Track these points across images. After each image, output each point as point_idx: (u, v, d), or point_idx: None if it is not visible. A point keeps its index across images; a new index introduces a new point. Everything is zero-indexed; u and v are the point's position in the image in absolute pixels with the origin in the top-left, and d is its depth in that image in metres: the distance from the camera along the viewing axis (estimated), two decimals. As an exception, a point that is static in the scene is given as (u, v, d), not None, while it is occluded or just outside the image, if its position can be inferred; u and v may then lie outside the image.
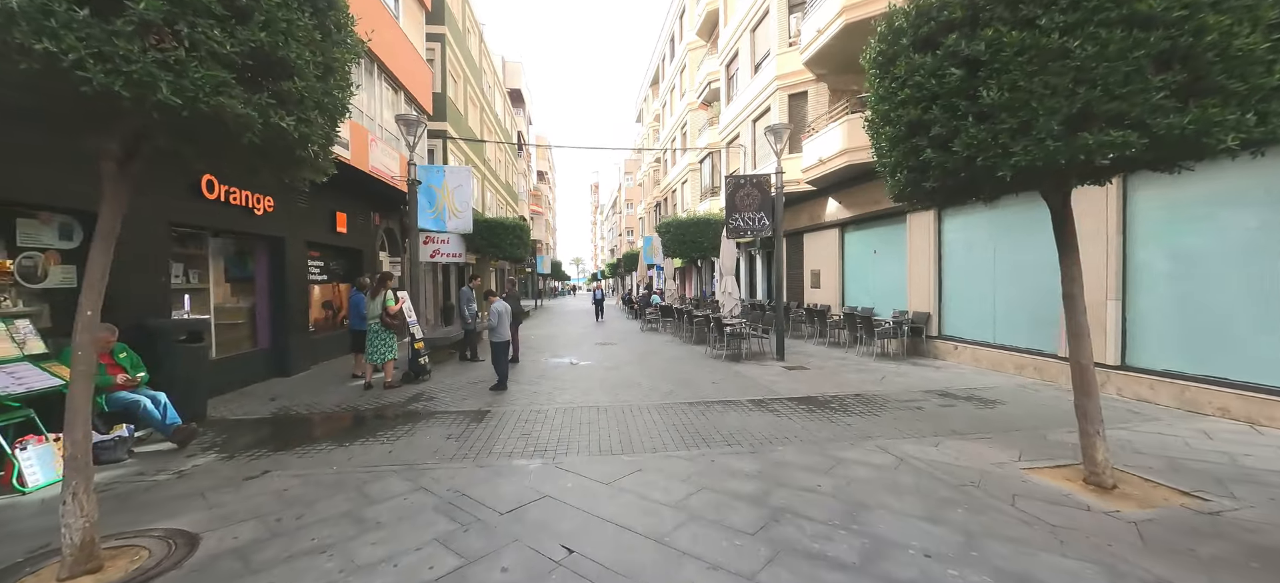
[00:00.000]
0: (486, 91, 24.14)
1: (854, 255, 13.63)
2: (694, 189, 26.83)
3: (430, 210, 9.45)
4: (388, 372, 8.21)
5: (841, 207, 13.69)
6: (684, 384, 8.26)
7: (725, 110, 20.82)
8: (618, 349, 12.74)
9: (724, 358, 10.61)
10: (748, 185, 10.46)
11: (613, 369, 9.80)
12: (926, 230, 10.59)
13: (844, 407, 6.68)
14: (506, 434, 5.68)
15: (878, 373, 8.95)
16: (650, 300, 21.16)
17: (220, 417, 6.65)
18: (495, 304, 7.85)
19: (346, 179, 10.76)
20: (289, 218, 9.36)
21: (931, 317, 10.51)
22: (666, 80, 32.90)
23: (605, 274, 65.26)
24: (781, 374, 8.97)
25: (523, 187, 40.51)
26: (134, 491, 4.33)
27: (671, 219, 18.28)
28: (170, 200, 6.86)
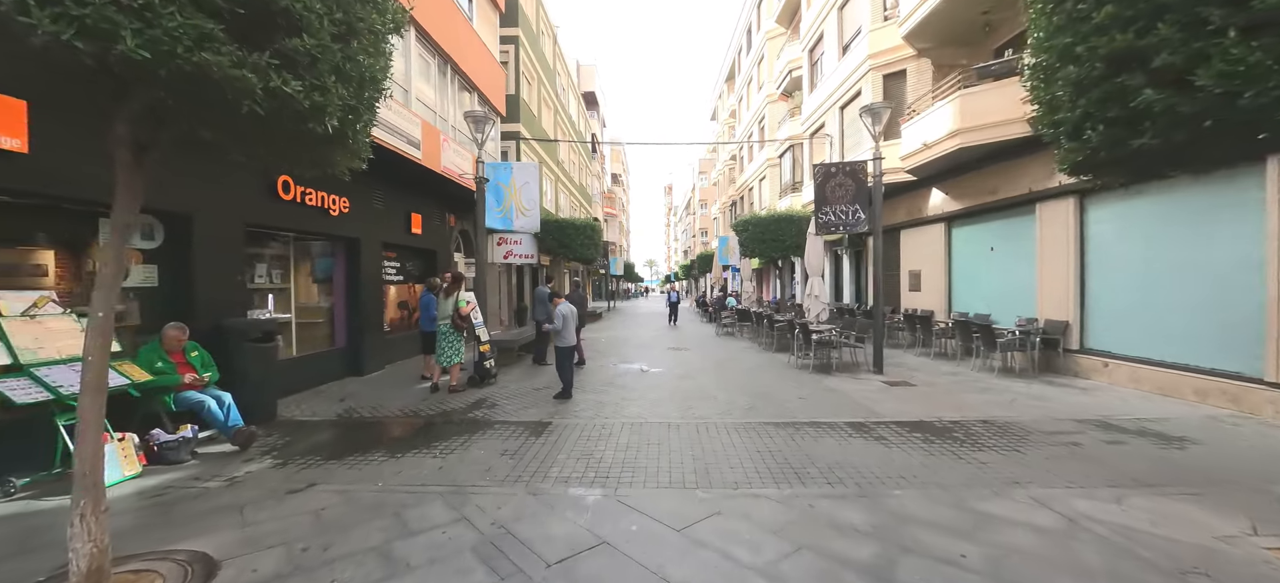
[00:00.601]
0: (561, 94, 24.21)
1: (964, 254, 11.86)
2: (773, 186, 25.36)
3: (498, 209, 9.15)
4: (453, 375, 7.93)
5: (948, 198, 11.97)
6: (766, 398, 7.28)
7: (808, 99, 19.31)
8: (691, 355, 11.89)
9: (811, 369, 9.45)
10: (840, 174, 9.25)
11: (685, 378, 8.98)
12: (1063, 221, 8.82)
13: (971, 437, 5.43)
14: (566, 453, 5.05)
15: (1005, 393, 7.46)
16: (726, 303, 20.10)
17: (288, 417, 6.59)
18: (559, 307, 7.31)
19: (420, 180, 10.79)
20: (364, 219, 9.42)
21: (1070, 326, 8.72)
22: (743, 74, 31.57)
23: (679, 275, 64.45)
24: (882, 391, 7.72)
25: (596, 189, 40.69)
26: (181, 499, 4.12)
27: (750, 217, 17.16)
28: (246, 202, 6.94)
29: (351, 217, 8.97)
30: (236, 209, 6.76)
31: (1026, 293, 9.81)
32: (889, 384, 8.18)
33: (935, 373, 9.11)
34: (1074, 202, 8.66)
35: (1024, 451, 5.00)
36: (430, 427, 6.13)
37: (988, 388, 7.84)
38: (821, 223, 9.34)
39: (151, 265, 5.96)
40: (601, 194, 44.96)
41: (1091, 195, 8.48)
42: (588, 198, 33.82)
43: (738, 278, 31.39)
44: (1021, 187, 9.69)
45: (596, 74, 40.11)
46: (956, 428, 5.75)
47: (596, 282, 47.32)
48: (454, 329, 7.82)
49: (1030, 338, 8.71)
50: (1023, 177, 9.66)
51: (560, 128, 24.02)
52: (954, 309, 12.20)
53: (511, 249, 16.17)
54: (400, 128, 8.87)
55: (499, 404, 7.12)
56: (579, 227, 15.98)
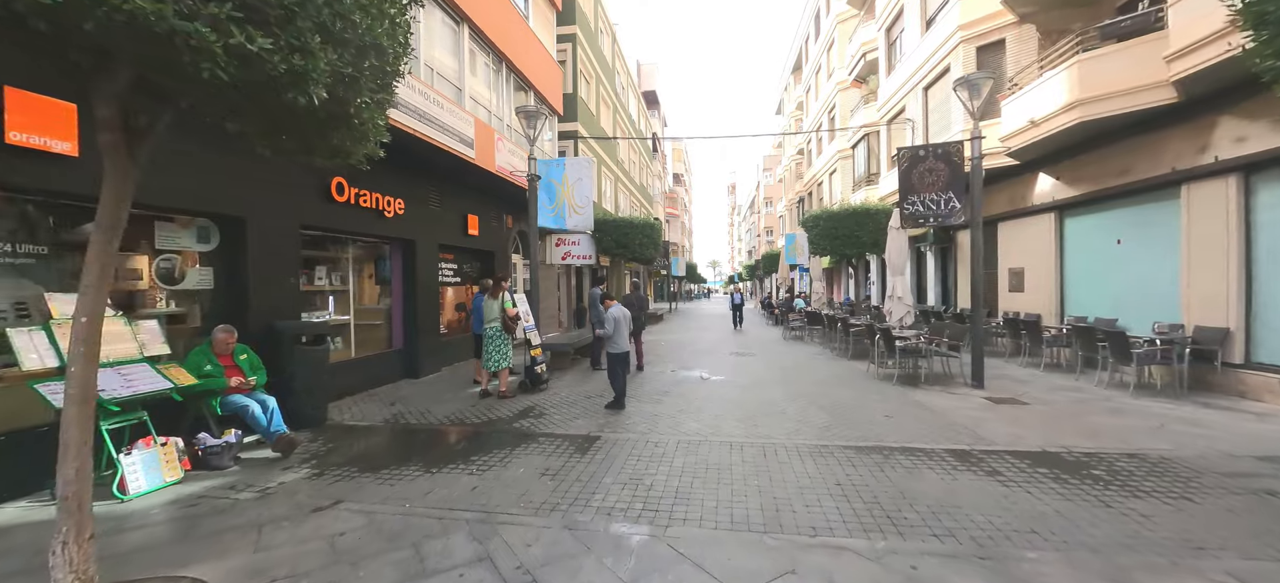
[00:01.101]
0: (620, 93, 23.88)
1: (1080, 248, 10.18)
2: (845, 179, 23.70)
3: (550, 207, 8.78)
4: (502, 381, 7.59)
5: (1060, 183, 10.34)
6: (844, 415, 6.35)
7: (885, 83, 17.73)
8: (756, 362, 11.00)
9: (895, 380, 8.33)
10: (929, 158, 8.06)
11: (750, 388, 8.16)
12: (1221, 204, 7.19)
13: (1117, 477, 4.30)
14: (612, 476, 4.46)
15: (1147, 417, 6.09)
16: (793, 305, 18.88)
17: (338, 421, 6.46)
18: (611, 309, 6.76)
19: (475, 181, 10.66)
20: (419, 221, 9.36)
21: (1232, 335, 7.09)
22: (811, 62, 29.89)
23: (742, 276, 62.71)
24: (985, 409, 6.56)
25: (658, 189, 40.20)
26: (209, 511, 3.91)
27: (820, 211, 15.89)
28: (301, 203, 6.92)
29: (406, 218, 8.90)
30: (291, 212, 6.74)
31: (1166, 294, 8.16)
32: (993, 401, 6.97)
33: (1049, 388, 7.74)
34: (1237, 180, 7.03)
35: (1197, 499, 3.85)
36: (473, 437, 5.76)
37: (1122, 409, 6.46)
38: (908, 214, 8.19)
39: (207, 268, 5.99)
40: (663, 194, 44.42)
41: (1262, 171, 6.83)
42: (648, 198, 33.37)
43: (805, 278, 29.72)
44: (1161, 165, 8.07)
45: (657, 73, 39.64)
46: (1095, 462, 4.62)
47: (658, 283, 46.83)
48: (502, 332, 7.47)
49: (1177, 349, 7.16)
50: (1162, 153, 8.04)
51: (619, 127, 23.69)
52: (1067, 313, 10.52)
53: (570, 250, 15.92)
54: (453, 127, 8.69)
55: (547, 413, 6.67)
56: (638, 226, 15.46)
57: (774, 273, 37.43)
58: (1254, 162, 6.80)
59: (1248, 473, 4.32)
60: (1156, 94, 7.56)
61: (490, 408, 7.02)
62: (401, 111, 7.36)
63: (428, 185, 9.63)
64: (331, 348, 7.91)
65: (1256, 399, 6.75)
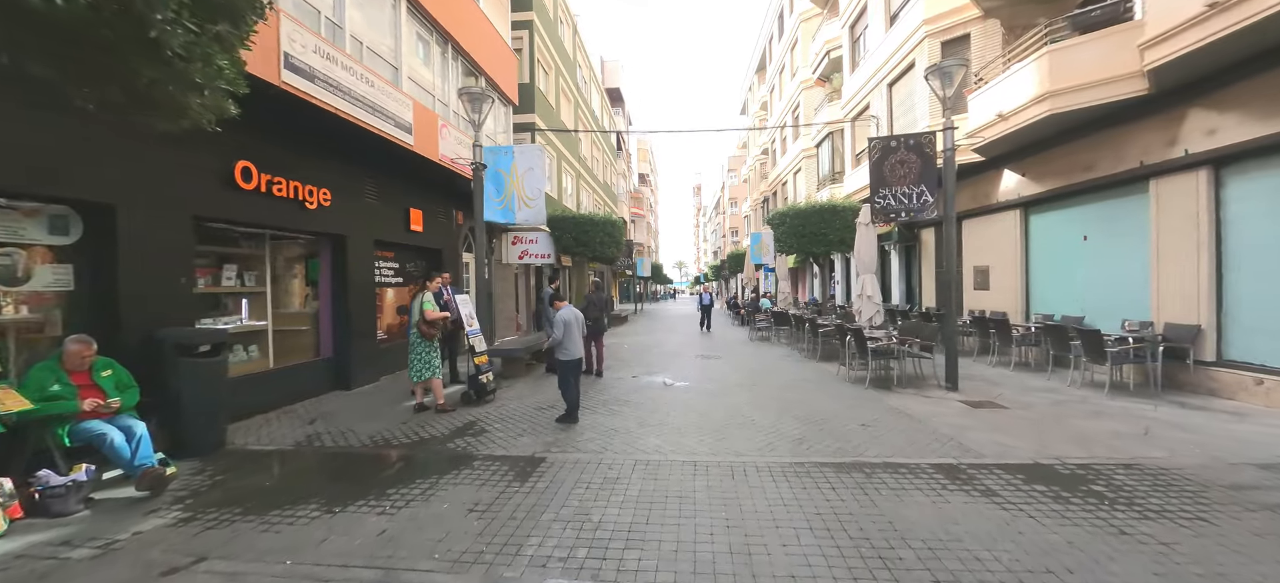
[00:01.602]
0: (582, 87, 23.08)
1: (1047, 245, 10.05)
2: (809, 178, 23.60)
3: (498, 199, 7.96)
4: (438, 393, 6.74)
5: (1026, 179, 10.20)
6: (819, 425, 5.81)
7: (849, 80, 17.59)
8: (723, 365, 10.45)
9: (867, 383, 7.89)
10: (901, 150, 7.67)
11: (717, 395, 7.56)
12: (1191, 199, 7.04)
13: (1120, 493, 3.86)
14: (554, 510, 3.74)
15: (1129, 419, 5.78)
16: (759, 305, 18.52)
17: (239, 445, 5.50)
18: (560, 311, 6.03)
19: (418, 171, 9.72)
20: (351, 214, 8.37)
21: (1203, 332, 6.93)
22: (775, 62, 29.83)
23: (708, 276, 62.73)
24: (965, 415, 6.14)
25: (622, 188, 39.52)
26: (23, 578, 2.99)
27: (787, 208, 15.52)
28: (194, 191, 5.89)
29: (335, 211, 7.92)
30: (179, 200, 5.72)
31: (1134, 291, 8.01)
32: (970, 405, 6.58)
33: (1023, 390, 7.44)
34: (1207, 174, 6.87)
35: (1214, 519, 3.43)
36: (396, 462, 4.93)
37: (1102, 412, 6.16)
38: (879, 208, 7.78)
39: (66, 266, 4.94)
40: (628, 193, 43.77)
41: (1231, 166, 6.68)
42: (613, 197, 32.65)
43: (770, 278, 29.60)
44: (1128, 160, 7.91)
45: (621, 70, 39.00)
46: (1092, 476, 4.18)
47: (623, 284, 46.16)
48: (422, 339, 6.60)
49: (1150, 347, 6.95)
50: (1130, 147, 7.89)
51: (582, 122, 22.89)
52: (1033, 311, 10.40)
53: (527, 248, 15.06)
54: (387, 109, 7.77)
55: (489, 430, 5.88)
56: (599, 223, 14.72)
57: (739, 273, 37.35)
58: (1225, 155, 6.65)
59: (1254, 485, 3.96)
60: (1127, 85, 7.37)
61: (425, 425, 6.17)
62: (319, 87, 6.43)
63: (362, 175, 8.65)
64: (241, 358, 6.93)
65: (1229, 397, 6.59)
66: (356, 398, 7.76)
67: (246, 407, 6.56)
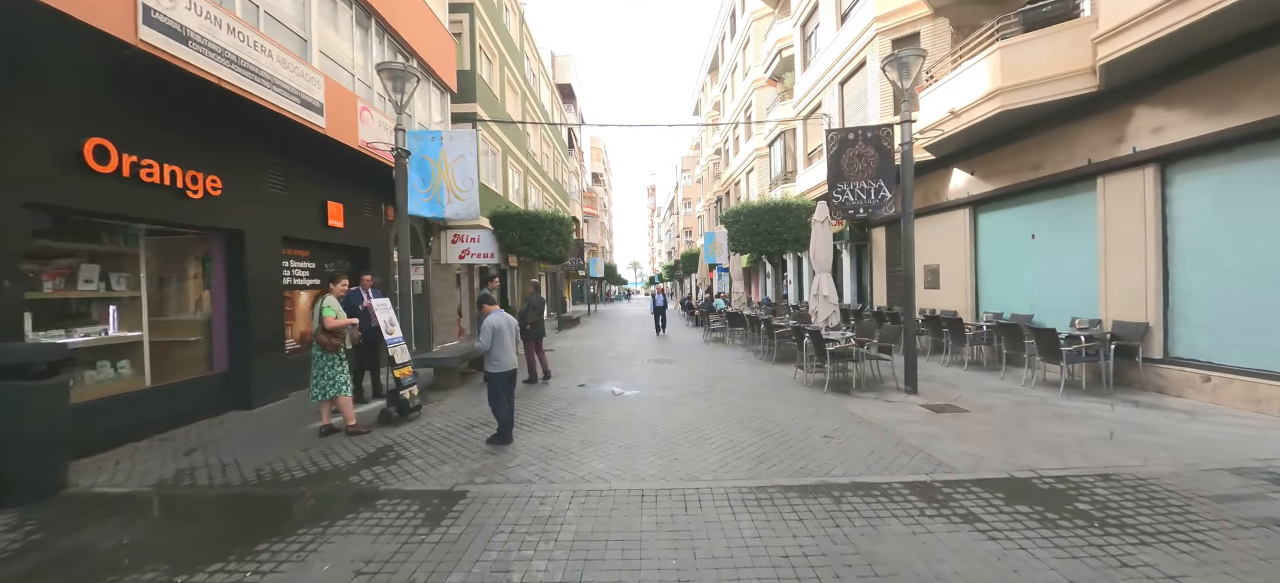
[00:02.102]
0: (530, 79, 22.09)
1: (995, 244, 10.08)
2: (761, 177, 23.55)
3: (424, 191, 7.07)
4: (347, 413, 5.81)
5: (975, 178, 10.20)
6: (780, 438, 5.30)
7: (801, 79, 17.53)
8: (677, 370, 9.90)
9: (826, 387, 7.51)
10: (859, 143, 7.35)
11: (669, 405, 6.97)
12: (1138, 197, 7.03)
13: (1106, 510, 3.52)
14: (466, 568, 3.01)
15: (1090, 422, 5.59)
16: (713, 305, 18.19)
17: (84, 487, 4.44)
18: (488, 317, 5.25)
19: (337, 159, 8.66)
20: (250, 206, 7.26)
21: (1151, 330, 6.93)
22: (727, 62, 29.78)
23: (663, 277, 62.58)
24: (928, 421, 5.81)
25: (574, 186, 38.57)
26: None
27: (742, 206, 15.19)
28: (27, 172, 4.75)
29: (227, 202, 6.81)
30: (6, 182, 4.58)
31: (1083, 289, 8.02)
32: (932, 410, 6.28)
33: (981, 391, 7.25)
34: (1154, 172, 6.88)
35: (1212, 541, 3.10)
36: (282, 503, 4.04)
37: (1063, 414, 5.97)
38: (837, 204, 7.44)
39: None
40: (580, 192, 42.84)
41: (1177, 163, 6.70)
42: (564, 196, 31.71)
43: (723, 278, 29.49)
44: (1077, 158, 7.90)
45: (573, 66, 38.07)
46: (1073, 490, 3.84)
47: (576, 285, 45.20)
48: (322, 352, 5.67)
49: (1102, 346, 6.89)
50: (1079, 146, 7.88)
51: (530, 115, 21.91)
52: (982, 309, 10.42)
53: (469, 247, 14.07)
54: (291, 85, 6.75)
55: (406, 456, 5.04)
56: (546, 220, 13.88)
57: (693, 273, 37.22)
58: (1171, 152, 6.65)
59: (1236, 495, 3.71)
60: (1077, 82, 7.33)
61: (330, 451, 5.26)
62: (195, 51, 5.39)
63: (264, 162, 7.55)
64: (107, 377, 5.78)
65: (1177, 394, 6.58)
66: (256, 420, 6.69)
67: (110, 435, 5.45)
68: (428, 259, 13.06)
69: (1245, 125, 5.77)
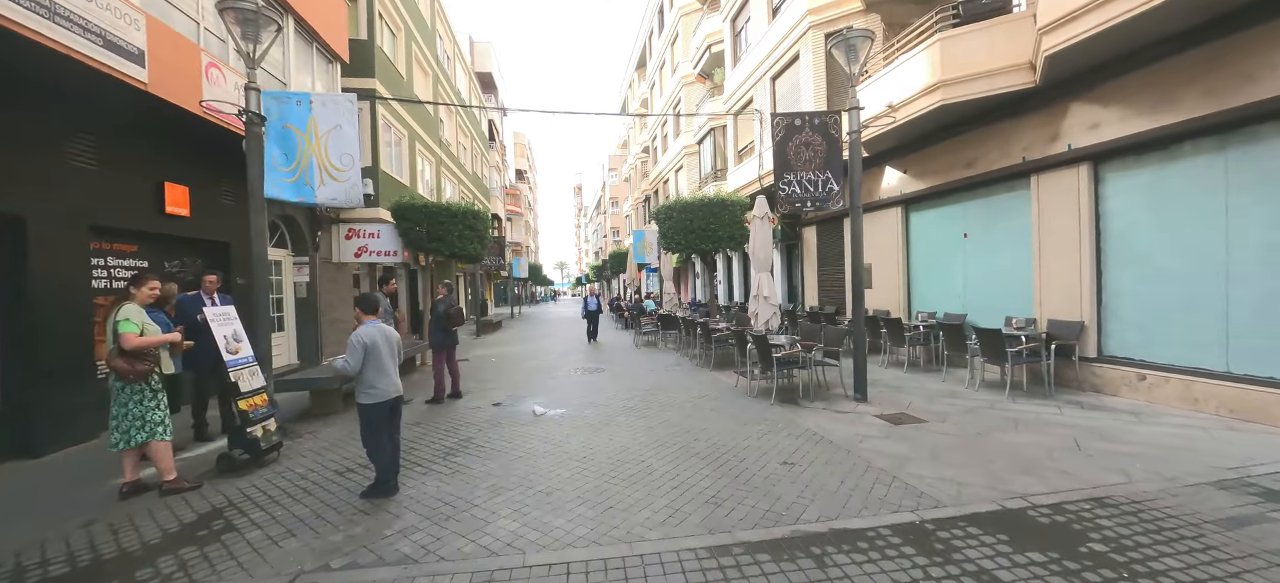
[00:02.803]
0: (443, 61, 20.14)
1: (927, 242, 9.99)
2: (690, 176, 23.12)
3: (287, 169, 5.54)
4: (163, 463, 4.26)
5: (907, 177, 10.07)
6: (734, 469, 4.46)
7: (731, 75, 17.15)
8: (607, 381, 8.90)
9: (773, 398, 6.83)
10: (806, 130, 6.74)
11: (601, 428, 5.95)
12: (1072, 195, 6.96)
13: (1120, 549, 2.96)
14: None
15: (1054, 430, 5.25)
16: (644, 307, 17.38)
17: None
18: (356, 332, 3.97)
19: (178, 129, 6.85)
20: (33, 183, 5.40)
21: (1086, 329, 6.87)
22: (655, 58, 29.20)
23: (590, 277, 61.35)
24: (887, 435, 5.23)
25: (496, 182, 36.40)
26: None
27: (675, 201, 14.42)
28: None
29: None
30: None
31: (1017, 287, 7.95)
32: (888, 421, 5.74)
33: (927, 395, 6.89)
34: (1087, 170, 6.82)
35: (1245, 576, 2.58)
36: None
37: (1017, 420, 5.63)
38: (784, 196, 6.79)
39: None
40: (502, 189, 40.62)
41: (1111, 161, 6.66)
42: (484, 191, 29.67)
43: (653, 278, 28.87)
44: (1011, 156, 7.81)
45: (493, 54, 35.95)
46: (1075, 523, 3.28)
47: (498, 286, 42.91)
48: (124, 381, 4.13)
49: (1043, 345, 6.72)
50: (1012, 143, 7.79)
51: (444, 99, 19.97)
52: (914, 309, 10.34)
53: (366, 244, 12.24)
54: (83, 15, 5.00)
55: (238, 526, 3.66)
56: (457, 213, 12.31)
57: (622, 273, 36.42)
58: (1104, 150, 6.58)
59: (1239, 517, 3.30)
60: (1016, 77, 7.18)
61: (130, 522, 3.74)
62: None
63: (60, 126, 5.68)
64: None
65: (1113, 393, 6.53)
66: (39, 473, 4.91)
67: None
68: (314, 258, 11.14)
69: (1182, 123, 5.71)
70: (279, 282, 10.42)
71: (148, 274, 4.44)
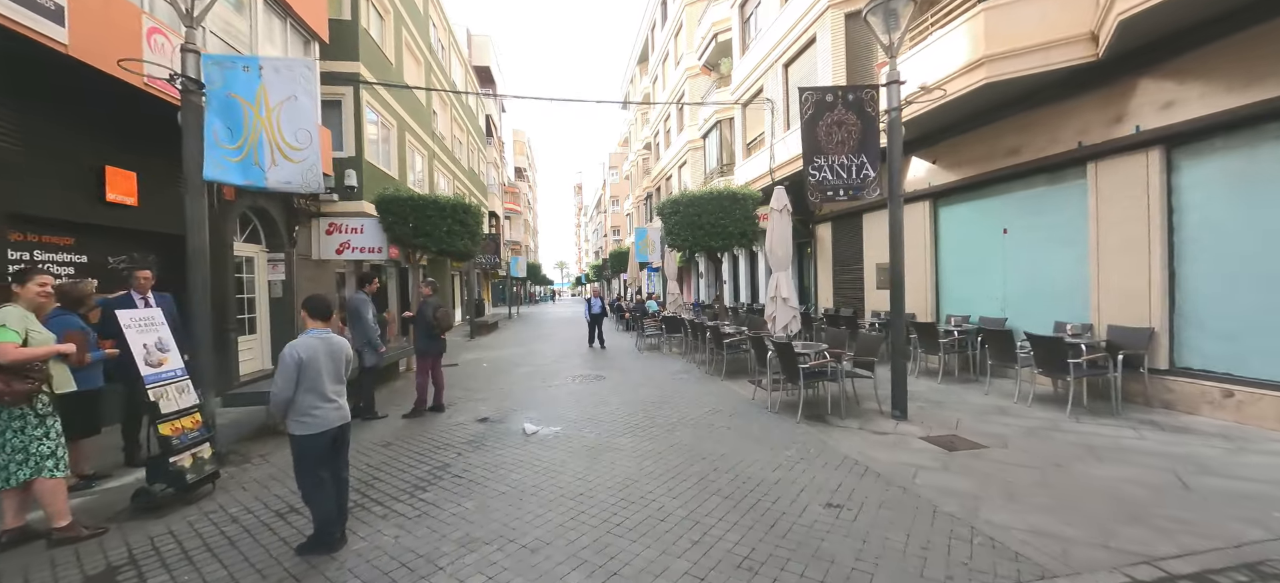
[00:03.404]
0: (438, 50, 19.27)
1: (960, 240, 9.12)
2: (695, 172, 22.26)
3: (231, 146, 4.68)
4: (53, 506, 3.40)
5: (937, 167, 9.21)
6: (767, 514, 3.60)
7: (739, 64, 16.29)
8: (608, 390, 8.04)
9: (800, 416, 5.95)
10: (839, 107, 5.85)
11: (601, 452, 5.09)
12: (1138, 185, 6.10)
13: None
14: None
15: (1143, 460, 4.39)
16: (646, 308, 16.52)
17: None
18: (292, 343, 3.11)
19: (124, 107, 6.00)
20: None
21: (1156, 336, 6.00)
22: (658, 51, 28.33)
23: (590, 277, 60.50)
24: (944, 466, 4.37)
25: (494, 179, 35.53)
26: None
27: (682, 194, 13.50)
28: None
29: None
30: None
31: (1067, 289, 7.09)
32: (939, 446, 4.88)
33: (972, 411, 6.03)
34: (1159, 155, 5.95)
35: None
36: None
37: (1094, 446, 4.77)
38: (815, 183, 5.91)
39: None
40: (501, 186, 39.74)
41: (1187, 145, 5.79)
42: (482, 188, 28.81)
43: (654, 277, 28.00)
44: (1062, 141, 6.95)
45: (491, 48, 35.06)
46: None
47: (498, 286, 42.08)
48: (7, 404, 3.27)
49: (1110, 356, 5.85)
50: (1064, 127, 6.93)
51: (439, 96, 19.11)
52: (944, 312, 9.47)
53: (349, 240, 11.38)
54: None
55: None
56: (445, 207, 11.42)
57: (623, 272, 35.58)
58: (1180, 132, 5.72)
59: None
60: (1074, 50, 6.31)
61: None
62: None
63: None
64: None
65: (1190, 412, 5.65)
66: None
67: None
68: (291, 254, 10.27)
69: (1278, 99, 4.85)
70: (251, 280, 9.58)
71: (36, 269, 3.56)
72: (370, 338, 6.81)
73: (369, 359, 6.80)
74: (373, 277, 7.48)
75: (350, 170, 11.24)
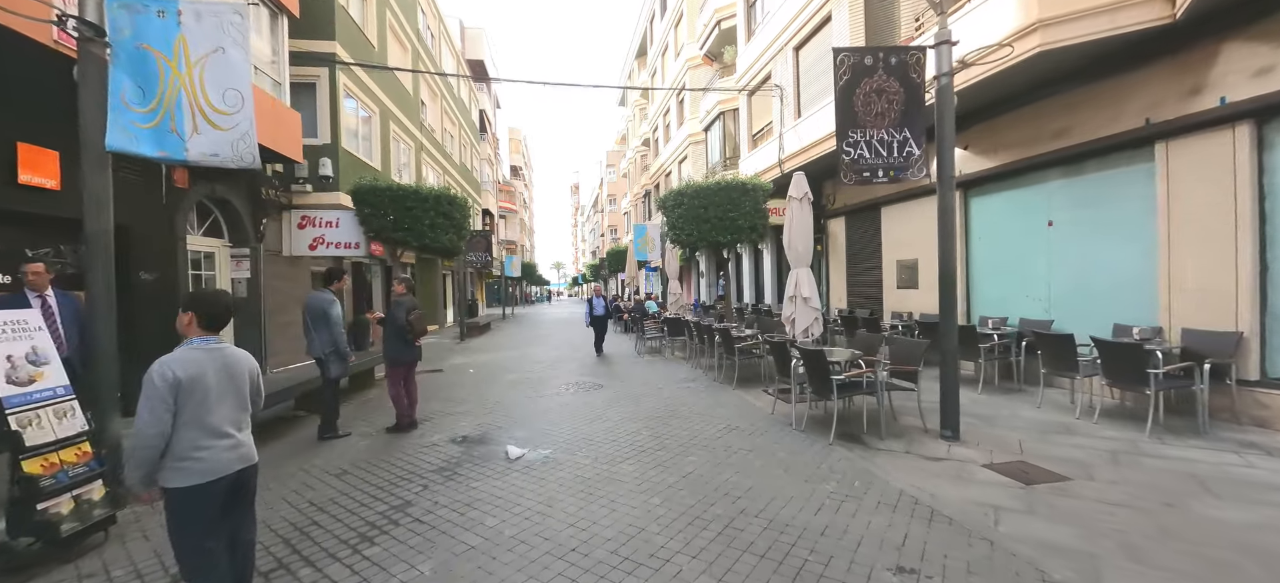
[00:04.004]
0: (426, 38, 18.34)
1: (995, 233, 8.28)
2: (696, 166, 21.37)
3: (141, 111, 3.77)
4: None
5: (968, 153, 8.34)
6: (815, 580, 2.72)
7: (744, 51, 15.42)
8: (607, 401, 7.15)
9: (832, 438, 5.06)
10: (879, 71, 4.96)
11: (599, 486, 4.19)
12: (1221, 166, 5.25)
13: None
14: None
15: (1270, 497, 3.53)
16: (646, 309, 15.63)
17: None
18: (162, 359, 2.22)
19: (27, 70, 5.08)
20: None
21: (1245, 341, 5.15)
22: (657, 43, 27.44)
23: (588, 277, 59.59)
24: (1025, 505, 3.50)
25: (488, 176, 34.59)
26: None
27: (686, 186, 12.59)
28: None
29: None
30: None
31: (1129, 287, 6.25)
32: (1012, 477, 4.01)
33: (1031, 428, 5.17)
34: (1248, 131, 5.10)
35: None
36: None
37: (1198, 475, 3.91)
38: (851, 163, 5.00)
39: None
40: (495, 183, 38.79)
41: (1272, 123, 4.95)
42: (475, 185, 27.89)
43: (653, 277, 27.10)
44: (1124, 119, 6.10)
45: (486, 41, 34.08)
46: None
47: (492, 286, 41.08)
48: None
49: (1197, 366, 4.99)
50: (1127, 103, 6.08)
51: (428, 82, 18.19)
52: (975, 313, 8.62)
53: (324, 235, 10.46)
54: None
55: None
56: (429, 198, 10.50)
57: (620, 271, 34.68)
58: (1276, 104, 4.88)
59: None
60: (1147, 10, 5.45)
61: None
62: None
63: None
64: None
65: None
66: None
67: None
68: (258, 250, 9.35)
69: None
70: (211, 279, 8.67)
71: None
72: (337, 345, 5.89)
73: (334, 370, 5.89)
74: (341, 273, 6.57)
75: (325, 159, 10.31)
